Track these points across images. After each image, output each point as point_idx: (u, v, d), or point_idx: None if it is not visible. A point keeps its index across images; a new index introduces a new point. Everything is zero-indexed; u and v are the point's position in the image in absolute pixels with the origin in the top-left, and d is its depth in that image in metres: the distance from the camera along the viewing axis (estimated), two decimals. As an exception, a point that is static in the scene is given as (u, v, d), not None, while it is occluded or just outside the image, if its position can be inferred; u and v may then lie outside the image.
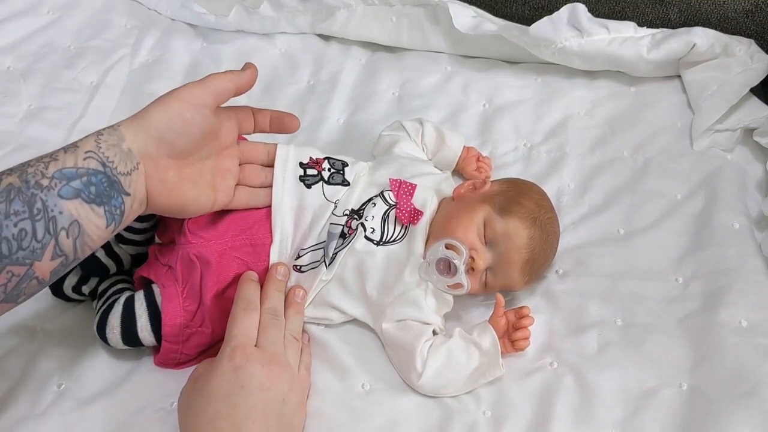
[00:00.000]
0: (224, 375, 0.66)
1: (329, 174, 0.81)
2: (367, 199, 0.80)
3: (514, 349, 0.76)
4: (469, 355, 0.74)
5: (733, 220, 0.86)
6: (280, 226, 0.78)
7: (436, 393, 0.74)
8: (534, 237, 0.77)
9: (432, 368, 0.73)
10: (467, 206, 0.80)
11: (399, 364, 0.76)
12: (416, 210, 0.79)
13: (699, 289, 0.81)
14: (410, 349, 0.74)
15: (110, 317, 0.75)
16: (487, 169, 0.94)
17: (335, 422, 0.73)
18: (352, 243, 0.78)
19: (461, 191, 0.83)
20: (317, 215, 0.79)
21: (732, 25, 1.04)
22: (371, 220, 0.79)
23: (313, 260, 0.78)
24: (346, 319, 0.80)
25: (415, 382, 0.74)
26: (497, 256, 0.77)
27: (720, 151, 0.94)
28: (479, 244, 0.77)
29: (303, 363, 0.74)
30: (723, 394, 0.71)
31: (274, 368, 0.68)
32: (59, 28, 1.16)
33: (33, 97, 1.07)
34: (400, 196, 0.80)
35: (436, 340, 0.75)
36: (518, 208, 0.78)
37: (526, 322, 0.76)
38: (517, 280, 0.79)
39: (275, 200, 0.78)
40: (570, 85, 1.05)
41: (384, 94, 1.06)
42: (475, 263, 0.76)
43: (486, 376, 0.74)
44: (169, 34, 1.15)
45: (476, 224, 0.77)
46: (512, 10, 1.10)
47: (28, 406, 0.75)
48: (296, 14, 1.12)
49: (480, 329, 0.76)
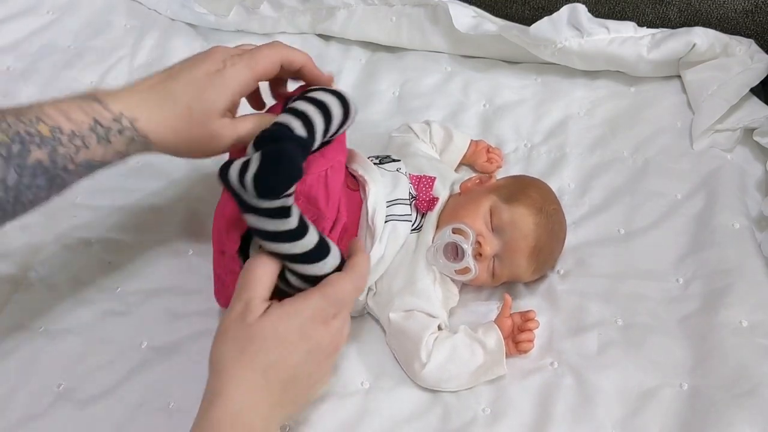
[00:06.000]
0: (299, 329, 0.62)
1: (378, 161, 0.84)
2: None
3: (517, 351, 0.76)
4: (473, 352, 0.75)
5: (733, 220, 0.86)
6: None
7: (437, 386, 0.75)
8: (540, 224, 0.78)
9: (436, 360, 0.74)
10: (474, 197, 0.82)
11: (402, 354, 0.77)
12: (433, 198, 0.82)
13: (699, 289, 0.81)
14: (416, 339, 0.74)
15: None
16: (498, 159, 0.95)
17: (334, 420, 0.73)
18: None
19: (468, 185, 0.85)
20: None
21: (732, 25, 1.04)
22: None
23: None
24: (362, 306, 0.80)
25: (417, 372, 0.74)
26: (504, 244, 0.78)
27: (720, 151, 0.94)
28: (486, 230, 0.78)
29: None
30: (723, 394, 0.71)
31: (334, 345, 0.66)
32: (59, 28, 1.16)
33: (33, 97, 1.03)
34: (420, 189, 0.82)
35: (441, 335, 0.76)
36: (524, 197, 0.80)
37: (532, 325, 0.76)
38: (524, 268, 0.79)
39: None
40: (570, 85, 1.05)
41: (384, 94, 1.06)
42: (482, 248, 0.77)
43: (488, 375, 0.75)
44: (169, 34, 1.15)
45: (483, 212, 0.79)
46: (512, 10, 1.10)
47: (28, 406, 0.75)
48: (296, 14, 1.12)
49: (485, 328, 0.76)
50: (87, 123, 0.62)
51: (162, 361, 0.79)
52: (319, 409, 0.74)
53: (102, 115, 0.63)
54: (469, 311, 0.82)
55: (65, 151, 0.61)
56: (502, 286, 0.83)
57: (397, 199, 0.80)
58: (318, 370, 0.65)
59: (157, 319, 0.82)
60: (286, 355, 0.62)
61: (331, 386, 0.76)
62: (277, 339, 0.61)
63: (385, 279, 0.79)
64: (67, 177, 0.62)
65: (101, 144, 0.63)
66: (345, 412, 0.74)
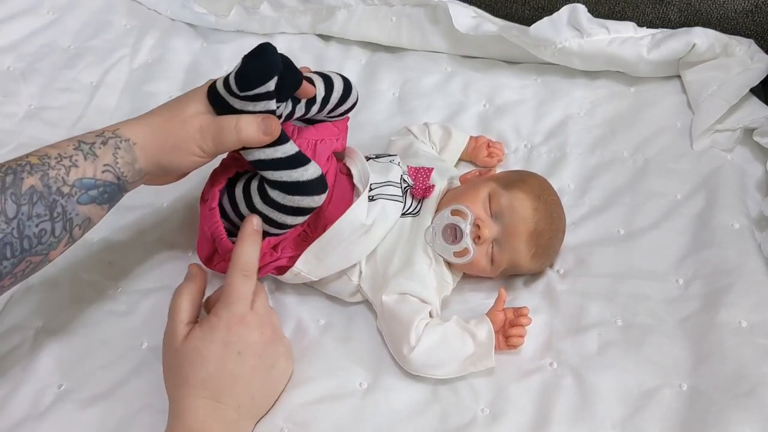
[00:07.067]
0: (221, 341, 0.68)
1: (375, 156, 0.86)
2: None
3: (507, 345, 0.76)
4: (463, 342, 0.75)
5: (733, 220, 0.86)
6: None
7: (423, 372, 0.75)
8: (539, 209, 0.79)
9: (425, 345, 0.74)
10: (473, 184, 0.83)
11: (392, 337, 0.77)
12: (429, 185, 0.82)
13: (699, 289, 0.81)
14: (406, 322, 0.75)
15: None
16: (499, 153, 0.96)
17: (333, 420, 0.73)
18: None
19: (467, 177, 0.87)
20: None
21: (732, 25, 1.04)
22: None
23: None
24: (356, 290, 0.81)
25: (406, 355, 0.74)
26: (503, 229, 0.78)
27: (720, 151, 0.94)
28: (485, 215, 0.79)
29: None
30: (723, 394, 0.71)
31: (268, 334, 0.71)
32: (59, 28, 1.16)
33: (33, 97, 1.07)
34: (417, 179, 0.83)
35: (432, 321, 0.76)
36: (523, 184, 0.81)
37: (524, 321, 0.76)
38: (523, 253, 0.79)
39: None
40: (570, 85, 1.05)
41: (384, 94, 1.06)
42: (481, 231, 0.77)
43: (477, 366, 0.75)
44: (169, 34, 1.15)
45: (482, 198, 0.79)
46: (512, 10, 1.10)
47: (28, 406, 0.75)
48: (296, 14, 1.12)
49: (477, 320, 0.76)
50: (71, 145, 0.65)
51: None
52: (318, 410, 0.74)
53: (85, 138, 0.67)
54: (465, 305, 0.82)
55: (56, 174, 0.63)
56: (501, 283, 0.83)
57: (388, 180, 0.81)
58: (262, 363, 0.70)
59: (157, 319, 0.81)
60: (217, 366, 0.68)
61: (329, 387, 0.76)
62: (201, 357, 0.68)
63: (380, 262, 0.80)
64: (66, 204, 0.63)
65: (89, 159, 0.65)
66: (344, 413, 0.74)
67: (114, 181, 0.67)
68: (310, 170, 0.71)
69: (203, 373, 0.67)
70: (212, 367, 0.68)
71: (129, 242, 0.90)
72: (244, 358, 0.69)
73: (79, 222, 0.65)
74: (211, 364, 0.68)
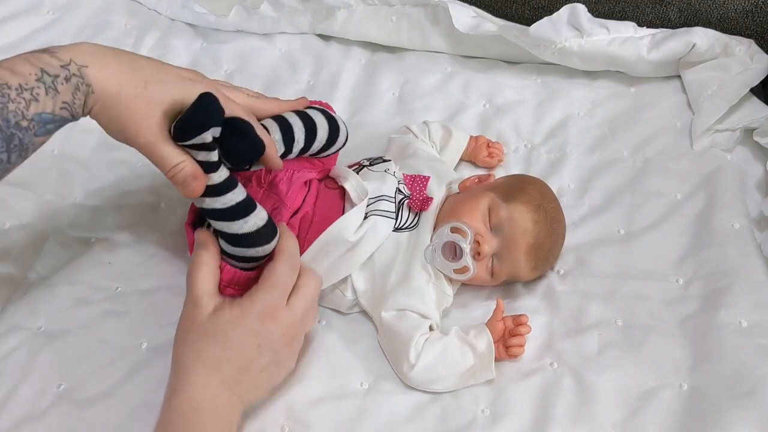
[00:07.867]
0: (250, 330, 0.67)
1: (368, 162, 0.86)
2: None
3: (507, 355, 0.76)
4: (462, 355, 0.74)
5: (733, 221, 0.86)
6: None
7: (424, 387, 0.75)
8: (538, 221, 0.78)
9: (424, 362, 0.74)
10: (472, 195, 0.82)
11: (392, 354, 0.77)
12: (427, 197, 0.81)
13: (699, 289, 0.81)
14: (406, 339, 0.74)
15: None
16: (499, 153, 0.95)
17: (333, 421, 0.73)
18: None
19: (466, 184, 0.86)
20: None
21: (732, 25, 1.04)
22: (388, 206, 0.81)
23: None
24: (353, 303, 0.81)
25: (406, 373, 0.74)
26: (502, 242, 0.78)
27: (720, 151, 0.94)
28: (485, 229, 0.78)
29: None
30: (723, 394, 0.71)
31: (290, 334, 0.70)
32: (59, 28, 1.15)
33: None
34: (414, 188, 0.82)
35: (432, 335, 0.76)
36: (522, 195, 0.80)
37: (523, 330, 0.76)
38: (523, 265, 0.79)
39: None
40: (570, 86, 1.05)
41: (384, 94, 1.06)
42: (480, 248, 0.77)
43: (477, 378, 0.74)
44: (169, 34, 1.15)
45: (481, 211, 0.79)
46: (512, 10, 1.10)
47: (28, 406, 0.75)
48: (296, 14, 1.12)
49: (477, 331, 0.76)
50: (34, 74, 0.61)
51: (162, 361, 0.78)
52: (318, 410, 0.74)
53: (49, 64, 0.62)
54: (466, 311, 0.82)
55: (15, 107, 0.60)
56: (501, 287, 0.83)
57: (382, 195, 0.80)
58: (275, 360, 0.69)
59: (157, 319, 0.82)
60: (237, 353, 0.67)
61: (331, 387, 0.76)
62: (226, 340, 0.66)
63: (378, 277, 0.79)
64: (23, 136, 0.61)
65: (50, 94, 0.62)
66: (344, 413, 0.74)
67: (68, 117, 0.65)
68: (251, 221, 0.67)
69: (222, 355, 0.66)
70: (233, 352, 0.66)
71: (128, 243, 0.89)
72: (263, 352, 0.68)
73: (33, 150, 0.64)
74: (232, 350, 0.66)
